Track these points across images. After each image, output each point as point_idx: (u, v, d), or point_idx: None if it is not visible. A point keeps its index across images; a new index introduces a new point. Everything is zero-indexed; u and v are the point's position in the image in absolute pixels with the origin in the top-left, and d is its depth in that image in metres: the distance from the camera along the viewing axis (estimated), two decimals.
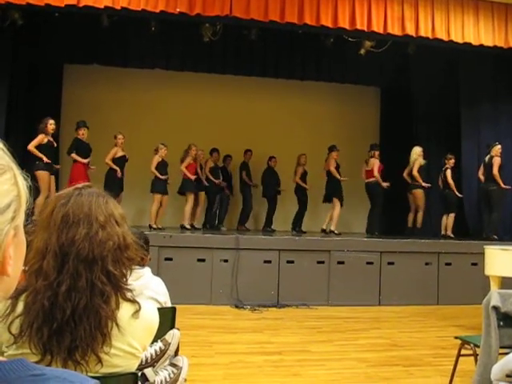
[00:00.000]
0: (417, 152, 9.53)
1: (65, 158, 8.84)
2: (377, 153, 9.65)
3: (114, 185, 8.15)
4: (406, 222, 9.85)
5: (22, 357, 0.78)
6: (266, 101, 11.14)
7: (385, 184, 9.46)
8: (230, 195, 10.63)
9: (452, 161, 9.47)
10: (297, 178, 9.96)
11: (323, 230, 9.39)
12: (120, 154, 8.69)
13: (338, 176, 9.41)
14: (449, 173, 9.37)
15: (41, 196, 7.41)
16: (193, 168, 9.23)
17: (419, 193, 9.53)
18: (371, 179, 9.57)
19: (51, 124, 7.97)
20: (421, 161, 9.48)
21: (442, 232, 9.47)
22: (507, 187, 8.95)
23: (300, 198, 10.11)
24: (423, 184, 9.44)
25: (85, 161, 8.28)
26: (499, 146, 9.01)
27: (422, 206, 9.61)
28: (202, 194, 9.69)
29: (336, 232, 9.16)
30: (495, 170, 8.89)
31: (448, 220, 9.44)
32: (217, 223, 10.15)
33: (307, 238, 8.31)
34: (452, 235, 9.31)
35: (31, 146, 7.71)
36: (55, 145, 8.31)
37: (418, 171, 9.44)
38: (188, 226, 9.06)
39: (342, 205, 9.40)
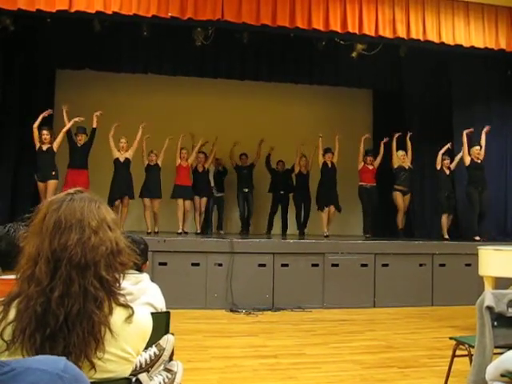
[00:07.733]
0: None
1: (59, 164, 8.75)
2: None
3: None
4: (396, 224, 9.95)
5: None
6: (259, 104, 11.14)
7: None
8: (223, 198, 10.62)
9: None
10: None
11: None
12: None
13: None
14: None
15: None
16: (184, 172, 9.15)
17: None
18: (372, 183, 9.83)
19: None
20: None
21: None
22: None
23: None
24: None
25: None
26: (475, 147, 9.14)
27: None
28: (198, 199, 9.56)
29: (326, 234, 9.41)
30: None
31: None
32: (209, 228, 10.10)
33: (301, 240, 8.31)
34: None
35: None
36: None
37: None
38: (179, 231, 8.97)
39: (318, 208, 9.67)
